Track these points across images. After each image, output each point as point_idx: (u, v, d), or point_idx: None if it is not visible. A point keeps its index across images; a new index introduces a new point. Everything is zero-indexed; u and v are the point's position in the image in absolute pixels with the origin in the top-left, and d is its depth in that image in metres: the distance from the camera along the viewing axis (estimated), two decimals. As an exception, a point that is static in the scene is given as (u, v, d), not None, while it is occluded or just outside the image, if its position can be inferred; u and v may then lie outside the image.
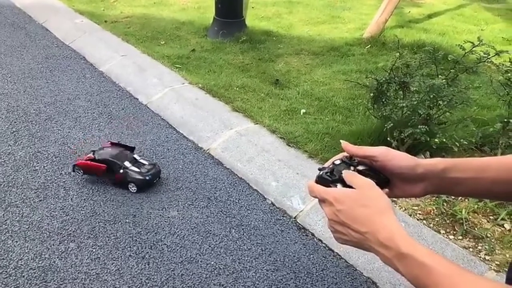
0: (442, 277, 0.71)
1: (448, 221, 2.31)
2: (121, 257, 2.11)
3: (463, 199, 2.41)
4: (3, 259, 2.06)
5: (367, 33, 4.78)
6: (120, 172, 2.54)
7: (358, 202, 0.80)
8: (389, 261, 0.78)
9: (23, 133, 3.05)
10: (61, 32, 4.82)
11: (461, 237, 2.22)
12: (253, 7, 5.76)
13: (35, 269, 2.02)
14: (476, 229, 2.25)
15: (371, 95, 2.75)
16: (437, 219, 2.33)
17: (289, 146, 2.90)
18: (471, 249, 2.16)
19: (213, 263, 2.11)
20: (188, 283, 1.99)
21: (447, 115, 2.71)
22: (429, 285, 0.72)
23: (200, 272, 2.05)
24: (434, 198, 2.43)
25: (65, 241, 2.19)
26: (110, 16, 5.25)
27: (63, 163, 2.76)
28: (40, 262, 2.06)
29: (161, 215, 2.38)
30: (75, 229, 2.27)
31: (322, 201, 0.84)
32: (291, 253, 2.18)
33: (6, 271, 2.00)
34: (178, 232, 2.28)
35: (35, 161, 2.77)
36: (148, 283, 1.98)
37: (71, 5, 5.56)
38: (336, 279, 2.06)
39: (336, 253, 2.19)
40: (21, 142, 2.96)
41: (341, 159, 0.91)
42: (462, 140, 2.58)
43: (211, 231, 2.29)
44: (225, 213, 2.43)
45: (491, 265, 2.07)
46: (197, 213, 2.42)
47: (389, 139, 2.66)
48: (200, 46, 4.51)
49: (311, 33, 5.01)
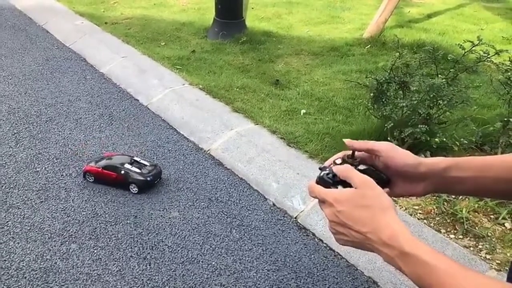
0: (445, 276, 0.71)
1: (448, 221, 2.32)
2: (122, 258, 2.12)
3: (463, 198, 2.41)
4: (5, 261, 2.07)
5: (367, 33, 4.79)
6: (121, 173, 2.54)
7: (358, 202, 0.79)
8: (392, 260, 0.77)
9: (24, 135, 3.06)
10: (61, 34, 4.83)
11: (461, 236, 2.22)
12: (253, 8, 5.76)
13: (36, 270, 2.02)
14: (476, 228, 2.25)
15: (371, 95, 2.75)
16: (437, 219, 2.34)
17: (290, 146, 2.91)
18: (471, 248, 2.16)
19: (214, 263, 2.11)
20: (189, 284, 1.99)
21: (447, 114, 2.71)
22: (433, 284, 0.72)
23: (201, 272, 2.06)
24: (434, 197, 2.43)
25: (67, 242, 2.19)
26: (110, 17, 5.26)
27: (64, 164, 2.77)
28: (41, 263, 2.06)
29: (162, 216, 2.39)
30: (76, 230, 2.27)
31: (322, 202, 0.84)
32: (292, 253, 2.19)
33: (8, 272, 2.01)
34: (179, 232, 2.28)
35: (36, 162, 2.78)
36: (149, 283, 1.98)
37: (71, 7, 5.58)
38: (337, 278, 2.06)
39: (337, 253, 2.19)
40: (22, 143, 2.96)
41: (342, 158, 0.91)
42: (462, 139, 2.58)
43: (212, 231, 2.29)
44: (226, 213, 2.43)
45: (492, 264, 2.07)
46: (198, 213, 2.42)
47: (389, 138, 2.66)
48: (200, 47, 4.51)
49: (311, 33, 5.01)
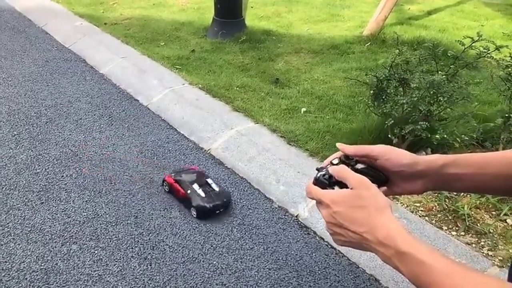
0: (442, 275, 0.70)
1: (450, 217, 2.31)
2: (123, 258, 2.11)
3: (465, 195, 2.40)
4: (5, 262, 2.06)
5: (367, 31, 4.78)
6: (187, 192, 2.43)
7: (354, 203, 0.79)
8: (389, 260, 0.77)
9: (24, 136, 3.06)
10: (61, 35, 4.83)
11: (463, 233, 2.21)
12: (252, 7, 5.76)
13: (37, 272, 2.02)
14: (478, 224, 2.24)
15: (371, 92, 2.74)
16: (439, 216, 2.33)
17: (290, 145, 2.90)
18: (474, 245, 2.15)
19: (215, 262, 2.11)
20: (190, 283, 1.99)
21: (448, 111, 2.70)
22: (429, 284, 0.72)
23: (202, 271, 2.05)
24: (436, 194, 2.42)
25: (67, 243, 2.19)
26: (109, 18, 5.26)
27: (64, 165, 2.77)
28: (42, 264, 2.06)
29: (162, 216, 2.38)
30: (77, 231, 2.27)
31: (319, 203, 0.84)
32: (293, 252, 2.18)
33: (9, 274, 2.00)
34: (180, 232, 2.28)
35: (37, 164, 2.78)
36: (150, 283, 1.98)
37: (71, 8, 5.58)
38: (338, 277, 2.05)
39: (338, 251, 2.19)
40: (22, 145, 2.96)
41: (339, 158, 0.91)
42: (463, 136, 2.57)
43: (212, 230, 2.29)
44: (226, 212, 2.43)
45: (494, 260, 2.06)
46: (199, 213, 2.41)
47: (390, 136, 2.65)
48: (199, 46, 4.51)
49: (311, 31, 5.00)
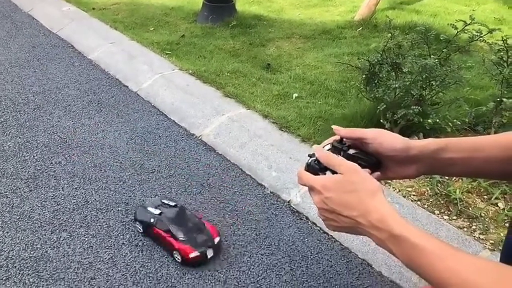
0: (434, 257, 0.70)
1: (442, 202, 2.31)
2: (114, 245, 2.09)
3: (457, 179, 2.41)
4: (-6, 250, 2.03)
5: (359, 16, 4.74)
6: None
7: (345, 188, 0.79)
8: (382, 243, 0.77)
9: (11, 123, 3.00)
10: (48, 20, 4.73)
11: (455, 217, 2.22)
12: (243, -8, 5.68)
13: (27, 259, 1.99)
14: (470, 209, 2.25)
15: (363, 76, 2.73)
16: (431, 200, 2.33)
17: (282, 130, 2.88)
18: (465, 229, 2.15)
19: (207, 249, 2.09)
20: (182, 270, 1.97)
21: (440, 95, 2.69)
22: (423, 266, 0.72)
23: (194, 258, 2.04)
24: (428, 179, 2.42)
25: (57, 231, 2.16)
26: (97, 3, 5.16)
27: (53, 152, 2.73)
28: (32, 252, 2.03)
29: (153, 203, 2.36)
30: (66, 218, 2.24)
31: (311, 190, 0.84)
32: (286, 237, 2.17)
33: (-3, 262, 1.97)
34: (171, 219, 2.26)
35: (25, 151, 2.73)
36: (142, 270, 1.96)
37: (58, -8, 5.46)
38: (331, 261, 2.05)
39: (330, 236, 2.18)
40: (10, 132, 2.91)
41: (332, 143, 0.90)
42: (455, 120, 2.57)
43: (205, 217, 2.27)
44: (218, 199, 2.41)
45: (486, 244, 2.07)
46: (191, 199, 2.40)
47: (382, 120, 2.65)
48: (189, 31, 4.44)
49: (302, 16, 4.96)
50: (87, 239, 2.12)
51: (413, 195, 2.36)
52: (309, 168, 0.85)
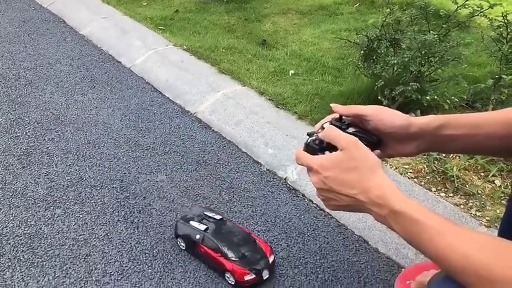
0: (435, 233, 0.71)
1: (439, 179, 2.30)
2: (109, 222, 2.07)
3: (454, 156, 2.40)
4: (-13, 227, 2.01)
5: (356, -8, 4.66)
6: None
7: (345, 165, 0.78)
8: (383, 219, 0.78)
9: (2, 99, 2.94)
10: (38, -6, 4.62)
11: (452, 195, 2.22)
12: (238, -34, 5.56)
13: (21, 236, 1.97)
14: (467, 186, 2.25)
15: (361, 52, 2.69)
16: (428, 177, 2.32)
17: (278, 108, 2.85)
18: (462, 206, 2.15)
19: (203, 226, 2.08)
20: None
21: (439, 72, 2.67)
22: (423, 241, 0.72)
23: (190, 235, 2.02)
24: (425, 156, 2.41)
25: (51, 208, 2.13)
26: (89, -23, 5.03)
27: (46, 129, 2.68)
28: (26, 229, 2.01)
29: (149, 180, 2.34)
30: (60, 195, 2.21)
31: (309, 170, 0.83)
32: (282, 214, 2.16)
33: (-9, 239, 1.95)
34: (167, 196, 2.24)
35: (16, 127, 2.68)
36: (137, 247, 1.95)
37: (48, -34, 5.32)
38: (327, 238, 2.05)
39: (327, 212, 2.18)
40: (1, 108, 2.85)
41: (331, 122, 0.89)
42: (453, 97, 2.55)
43: (200, 194, 2.26)
44: (214, 176, 2.39)
45: (482, 221, 2.07)
46: (186, 176, 2.37)
47: (379, 97, 2.62)
48: (183, 6, 4.36)
49: (298, -8, 4.86)
50: (81, 216, 2.10)
51: (410, 172, 2.36)
52: (308, 148, 0.85)
